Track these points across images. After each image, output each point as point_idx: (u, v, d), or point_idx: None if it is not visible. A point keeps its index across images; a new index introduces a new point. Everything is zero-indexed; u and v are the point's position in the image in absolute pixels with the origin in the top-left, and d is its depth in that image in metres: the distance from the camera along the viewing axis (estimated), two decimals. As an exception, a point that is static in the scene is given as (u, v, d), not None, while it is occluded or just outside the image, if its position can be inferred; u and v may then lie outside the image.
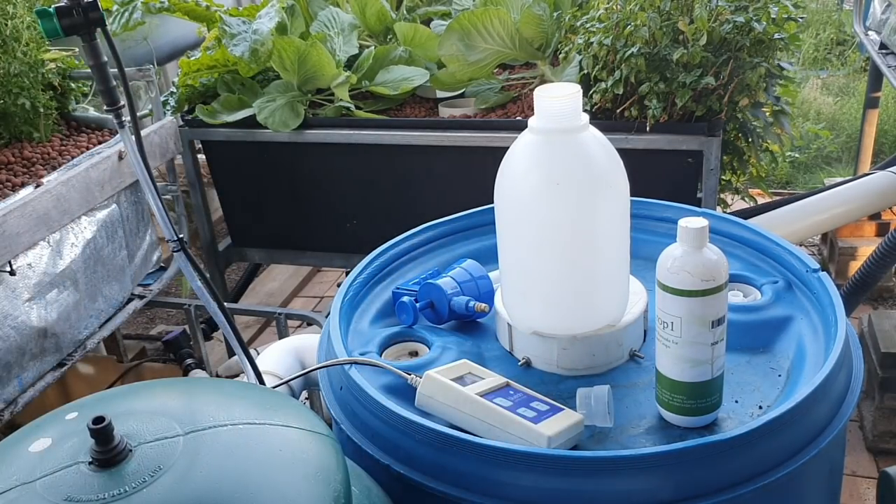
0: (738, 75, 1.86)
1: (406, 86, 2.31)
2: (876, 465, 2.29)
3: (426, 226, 1.37)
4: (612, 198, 1.00)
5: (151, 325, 3.25)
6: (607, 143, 1.00)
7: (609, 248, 1.03)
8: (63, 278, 1.83)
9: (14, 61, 1.96)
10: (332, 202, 2.42)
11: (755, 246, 1.25)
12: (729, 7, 1.85)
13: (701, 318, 0.89)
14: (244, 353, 1.14)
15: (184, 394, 0.79)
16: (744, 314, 1.10)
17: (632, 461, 0.83)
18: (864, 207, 2.39)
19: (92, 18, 1.05)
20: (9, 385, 1.71)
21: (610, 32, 1.91)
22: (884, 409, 2.31)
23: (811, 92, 4.93)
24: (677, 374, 0.92)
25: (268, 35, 2.20)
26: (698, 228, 0.88)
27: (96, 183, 1.90)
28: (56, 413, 0.77)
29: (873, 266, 2.25)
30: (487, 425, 0.92)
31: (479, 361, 1.07)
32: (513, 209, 1.03)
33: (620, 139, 1.91)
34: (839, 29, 5.76)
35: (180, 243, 1.07)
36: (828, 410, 0.93)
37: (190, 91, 2.42)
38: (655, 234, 1.30)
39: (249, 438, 0.71)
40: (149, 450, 0.68)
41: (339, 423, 1.01)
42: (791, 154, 3.79)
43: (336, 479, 0.71)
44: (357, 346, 1.12)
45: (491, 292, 1.19)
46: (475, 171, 1.80)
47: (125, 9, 2.37)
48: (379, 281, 1.28)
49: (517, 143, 1.02)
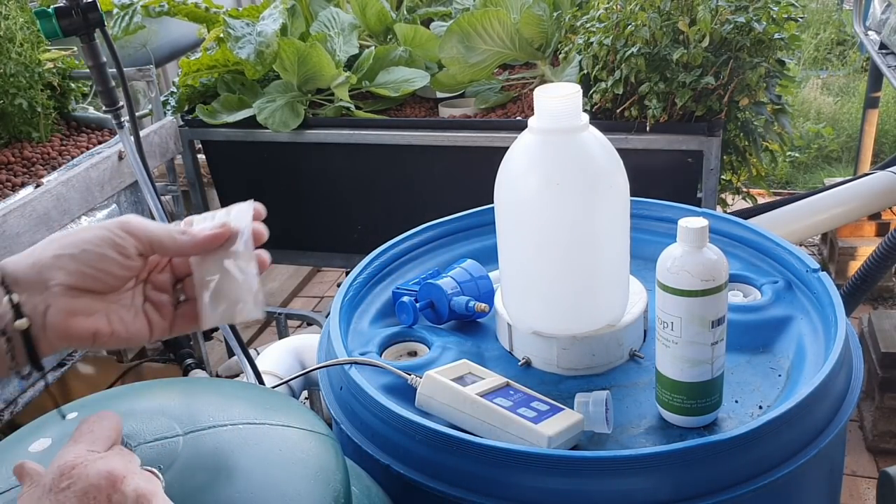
0: (739, 75, 1.86)
1: (407, 87, 2.31)
2: (876, 465, 2.29)
3: (426, 226, 1.36)
4: (612, 198, 1.00)
5: (151, 326, 3.25)
6: (607, 143, 1.00)
7: (609, 248, 1.03)
8: (63, 278, 1.83)
9: (9, 62, 1.96)
10: (332, 202, 2.42)
11: (755, 246, 1.25)
12: (729, 7, 1.85)
13: (701, 318, 0.89)
14: (244, 353, 1.14)
15: (184, 394, 0.79)
16: (744, 314, 1.10)
17: (632, 461, 0.83)
18: (864, 207, 2.39)
19: (91, 19, 1.05)
20: (9, 385, 1.71)
21: (610, 32, 1.91)
22: (884, 409, 2.31)
23: (811, 92, 4.93)
24: (677, 374, 0.92)
25: (272, 37, 2.20)
26: (698, 228, 0.88)
27: (96, 183, 1.90)
28: (56, 413, 0.77)
29: (873, 266, 2.25)
30: (487, 425, 0.92)
31: (479, 361, 1.07)
32: (513, 209, 1.03)
33: (620, 139, 1.91)
34: (839, 29, 5.75)
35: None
36: (828, 410, 0.93)
37: (190, 91, 2.42)
38: (655, 234, 1.30)
39: (249, 438, 0.71)
40: (148, 450, 0.68)
41: (339, 423, 1.01)
42: (791, 154, 3.79)
43: (336, 479, 0.71)
44: (357, 346, 1.12)
45: (491, 292, 1.19)
46: (475, 171, 1.80)
47: (125, 12, 2.37)
48: (379, 281, 1.28)
49: (517, 143, 1.02)
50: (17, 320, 0.62)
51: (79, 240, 0.66)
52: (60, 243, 0.66)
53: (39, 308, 0.64)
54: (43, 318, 0.64)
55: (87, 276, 0.66)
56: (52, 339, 0.65)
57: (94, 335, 0.67)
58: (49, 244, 0.66)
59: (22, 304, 0.63)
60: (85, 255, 0.66)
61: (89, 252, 0.66)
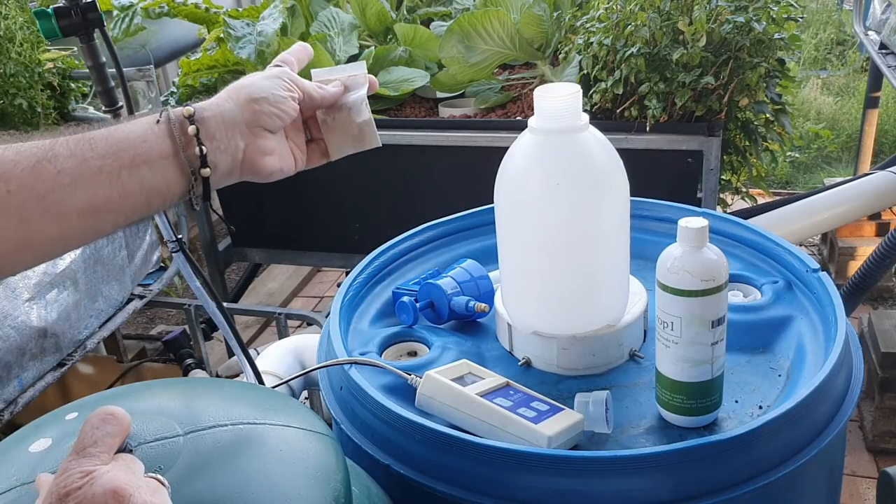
0: (738, 75, 1.86)
1: (406, 87, 2.31)
2: (876, 465, 2.29)
3: (426, 226, 1.36)
4: (612, 198, 1.00)
5: (151, 325, 3.25)
6: (607, 143, 1.00)
7: (609, 248, 1.03)
8: (63, 278, 1.83)
9: (9, 62, 1.96)
10: (332, 202, 2.42)
11: (755, 246, 1.25)
12: (729, 7, 1.85)
13: (701, 318, 0.89)
14: (243, 353, 1.14)
15: (184, 394, 0.79)
16: (744, 314, 1.10)
17: (632, 461, 0.83)
18: (864, 207, 2.39)
19: (90, 19, 1.05)
20: (9, 385, 1.71)
21: (610, 32, 1.91)
22: (884, 409, 2.31)
23: (811, 92, 4.93)
24: (677, 374, 0.92)
25: (273, 36, 2.20)
26: (698, 228, 0.88)
27: (96, 183, 1.90)
28: (56, 413, 0.77)
29: (873, 266, 2.25)
30: (487, 425, 0.92)
31: (479, 361, 1.07)
32: (513, 209, 1.03)
33: (620, 139, 1.91)
34: (839, 29, 5.76)
35: (179, 244, 1.07)
36: (828, 410, 0.93)
37: (190, 91, 2.42)
38: (655, 234, 1.30)
39: (249, 438, 0.71)
40: (149, 450, 0.68)
41: (339, 423, 1.01)
42: (791, 154, 3.79)
43: (336, 478, 0.71)
44: (357, 346, 1.12)
45: (491, 292, 1.19)
46: (475, 171, 1.80)
47: (125, 14, 2.38)
48: (379, 281, 1.28)
49: (517, 143, 1.02)
50: (202, 168, 0.76)
51: (263, 87, 0.81)
52: (249, 91, 0.80)
53: (237, 147, 0.79)
54: (241, 154, 0.80)
55: (272, 117, 0.80)
56: (244, 173, 0.81)
57: (273, 171, 0.83)
58: (237, 91, 0.80)
59: (209, 152, 0.77)
60: (271, 99, 0.80)
61: (276, 96, 0.81)
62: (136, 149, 0.73)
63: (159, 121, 0.75)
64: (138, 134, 0.74)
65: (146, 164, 0.73)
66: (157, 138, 0.74)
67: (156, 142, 0.74)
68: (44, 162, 0.67)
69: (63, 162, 0.68)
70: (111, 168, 0.71)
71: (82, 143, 0.70)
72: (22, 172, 0.66)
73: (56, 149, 0.69)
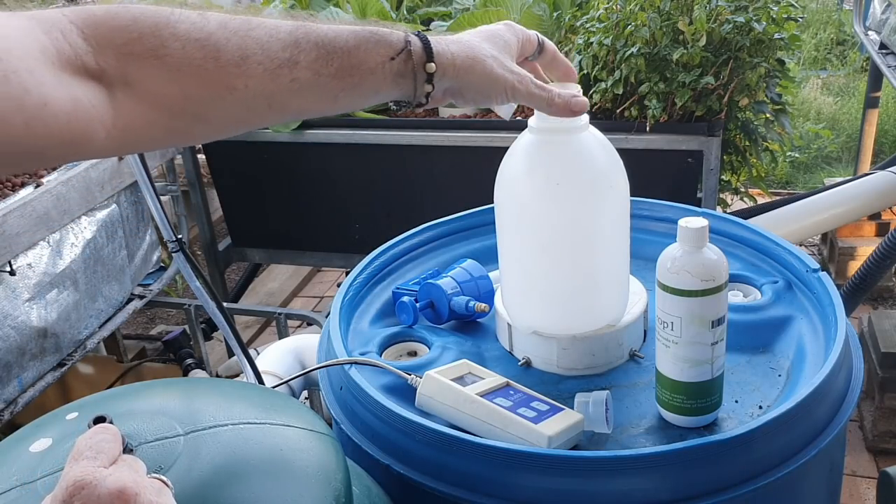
0: (738, 75, 1.86)
1: (406, 86, 2.31)
2: (876, 465, 2.30)
3: (426, 226, 1.36)
4: (612, 198, 1.00)
5: (151, 325, 3.25)
6: (607, 143, 1.00)
7: (609, 249, 1.03)
8: (63, 278, 1.83)
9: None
10: (332, 202, 2.42)
11: (755, 246, 1.25)
12: (729, 7, 1.85)
13: (701, 318, 0.89)
14: (243, 353, 1.14)
15: (184, 394, 0.79)
16: (744, 314, 1.10)
17: (632, 461, 0.83)
18: (864, 207, 2.39)
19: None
20: (9, 385, 1.71)
21: (610, 32, 1.91)
22: (884, 409, 2.31)
23: (811, 92, 4.93)
24: (677, 374, 0.92)
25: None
26: (698, 228, 0.88)
27: (96, 183, 1.90)
28: (56, 413, 0.77)
29: (873, 266, 2.25)
30: (487, 425, 0.92)
31: (479, 361, 1.07)
32: (513, 209, 1.03)
33: (620, 139, 1.91)
34: (839, 29, 5.76)
35: (179, 244, 1.07)
36: (828, 410, 0.93)
37: (190, 91, 2.42)
38: (655, 234, 1.30)
39: (250, 438, 0.71)
40: (149, 450, 0.68)
41: (339, 423, 1.01)
42: (791, 154, 3.79)
43: (336, 478, 0.71)
44: (357, 346, 1.12)
45: (491, 292, 1.19)
46: (475, 171, 1.80)
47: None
48: (379, 281, 1.28)
49: (517, 143, 1.02)
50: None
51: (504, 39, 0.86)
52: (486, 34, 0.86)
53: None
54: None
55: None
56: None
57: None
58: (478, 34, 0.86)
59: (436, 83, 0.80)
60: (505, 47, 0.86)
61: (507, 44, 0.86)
62: (363, 79, 0.75)
63: (394, 58, 0.76)
64: (369, 67, 0.75)
65: (370, 91, 0.77)
66: (388, 75, 0.76)
67: (384, 78, 0.76)
68: (284, 69, 0.70)
69: (300, 72, 0.71)
70: (337, 89, 0.74)
71: (322, 57, 0.72)
72: (263, 73, 0.69)
73: (298, 56, 0.71)
